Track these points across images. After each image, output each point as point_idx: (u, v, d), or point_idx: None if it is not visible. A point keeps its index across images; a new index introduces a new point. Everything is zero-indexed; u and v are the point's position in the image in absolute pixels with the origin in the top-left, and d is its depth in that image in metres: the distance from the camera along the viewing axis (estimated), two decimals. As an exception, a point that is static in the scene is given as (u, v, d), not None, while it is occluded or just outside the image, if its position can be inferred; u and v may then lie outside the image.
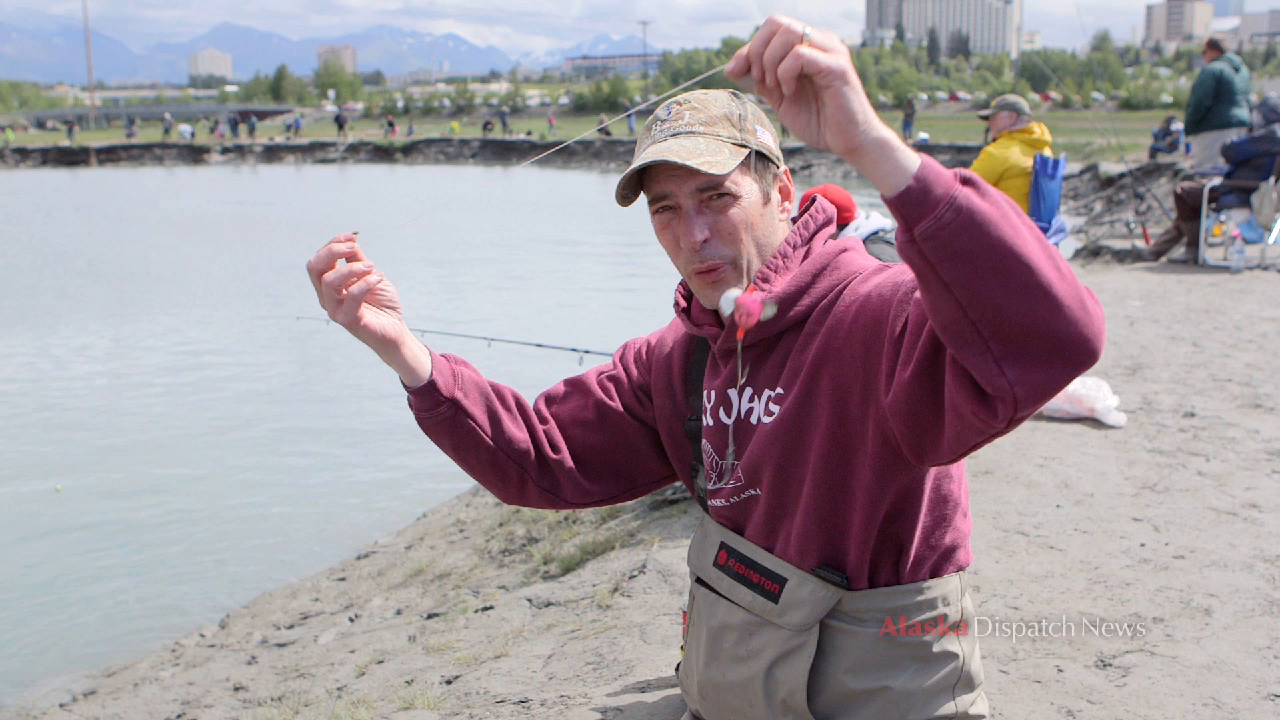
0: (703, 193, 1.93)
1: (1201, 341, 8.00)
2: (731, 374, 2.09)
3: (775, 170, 2.04)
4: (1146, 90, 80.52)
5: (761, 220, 2.00)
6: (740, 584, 2.07)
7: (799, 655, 1.98)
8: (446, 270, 22.20)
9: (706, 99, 2.00)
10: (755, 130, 1.98)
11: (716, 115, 1.96)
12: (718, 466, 2.12)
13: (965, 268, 1.45)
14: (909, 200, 1.47)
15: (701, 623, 2.18)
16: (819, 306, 1.99)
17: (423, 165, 59.14)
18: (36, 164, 60.59)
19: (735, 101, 2.00)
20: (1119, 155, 19.45)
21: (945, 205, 1.45)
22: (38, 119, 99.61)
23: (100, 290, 20.54)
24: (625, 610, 4.27)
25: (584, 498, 2.28)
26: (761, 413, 2.03)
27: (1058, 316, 1.46)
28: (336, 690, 4.61)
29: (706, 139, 1.93)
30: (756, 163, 1.98)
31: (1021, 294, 1.45)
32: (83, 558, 8.12)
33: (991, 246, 1.45)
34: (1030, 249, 1.46)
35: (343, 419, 11.66)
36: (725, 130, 1.95)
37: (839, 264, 2.03)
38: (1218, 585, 3.95)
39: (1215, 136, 12.54)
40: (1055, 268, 1.47)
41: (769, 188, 2.02)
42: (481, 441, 2.12)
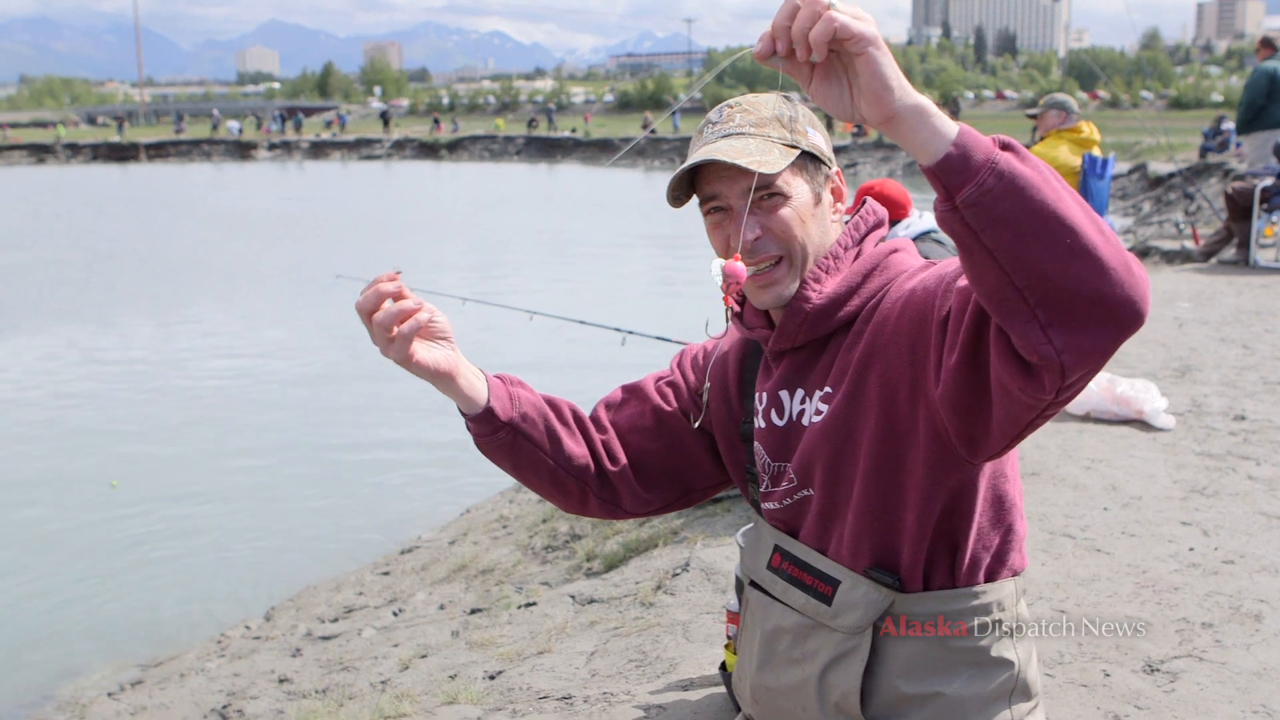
0: (755, 192, 1.93)
1: (1252, 344, 7.90)
2: (783, 376, 2.09)
3: (827, 171, 2.04)
4: (1196, 89, 79.56)
5: (813, 220, 2.00)
6: (794, 586, 2.06)
7: (852, 658, 1.97)
8: (489, 259, 22.29)
9: (757, 102, 2.00)
10: (806, 131, 1.98)
11: (767, 117, 1.96)
12: (770, 469, 2.11)
13: (1009, 233, 1.45)
14: (949, 168, 1.46)
15: (755, 626, 2.17)
16: (867, 306, 1.98)
17: (467, 162, 59.39)
18: (88, 159, 61.39)
19: (785, 104, 2.00)
20: (1168, 155, 19.23)
21: (987, 170, 1.44)
22: (89, 115, 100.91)
23: (152, 285, 20.81)
24: (668, 608, 4.27)
25: (643, 506, 2.28)
26: (812, 413, 2.02)
27: (1103, 279, 1.45)
28: (380, 684, 4.64)
29: (757, 140, 1.93)
30: (807, 163, 1.99)
31: (1067, 257, 1.44)
32: (133, 550, 8.22)
33: (1035, 211, 1.44)
34: (1073, 212, 1.45)
35: (389, 413, 11.72)
36: (775, 131, 1.95)
37: (889, 264, 2.02)
38: (1268, 591, 3.90)
39: (1268, 136, 12.38)
40: (1099, 231, 1.46)
41: (820, 188, 2.02)
42: (541, 461, 2.14)
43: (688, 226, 27.76)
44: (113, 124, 78.77)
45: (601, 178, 48.86)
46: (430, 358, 1.96)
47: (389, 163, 59.79)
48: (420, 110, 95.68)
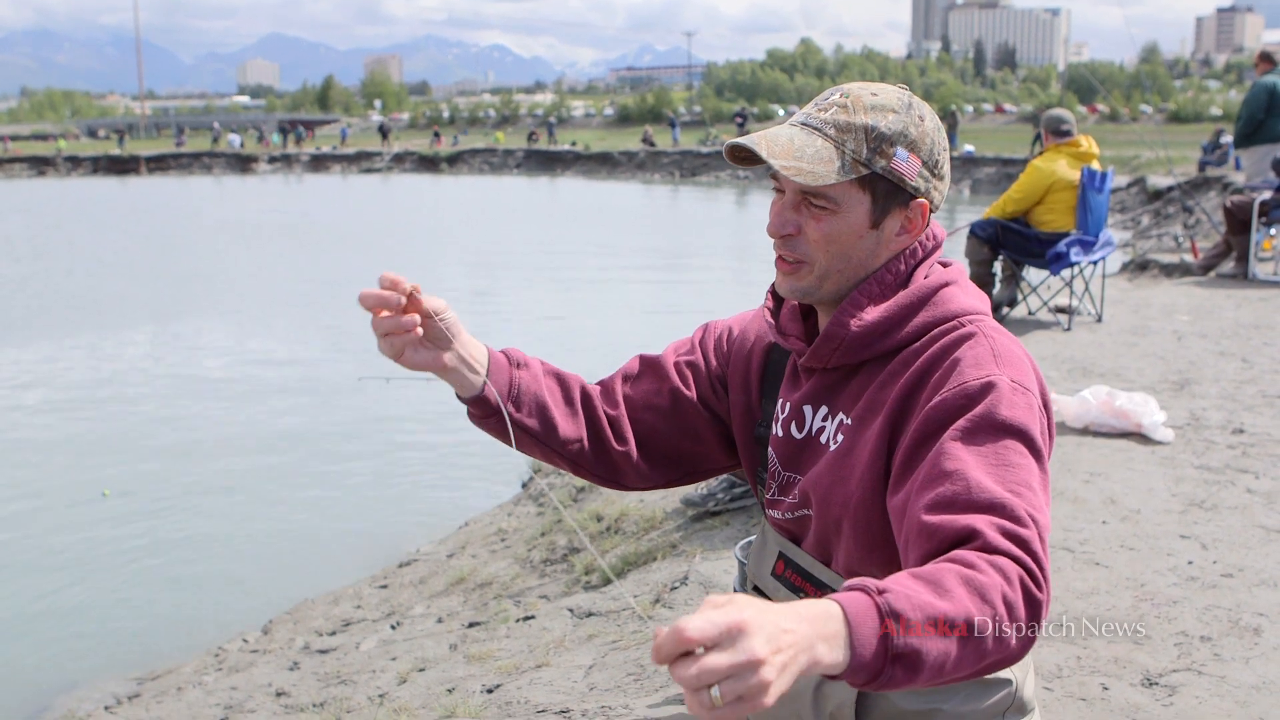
0: (804, 193, 1.87)
1: (1251, 357, 7.91)
2: (812, 391, 2.02)
3: (906, 200, 1.91)
4: (1195, 103, 79.61)
5: (860, 241, 1.90)
6: (796, 596, 2.03)
7: None
8: (485, 279, 22.32)
9: (866, 102, 1.88)
10: (893, 154, 1.86)
11: (857, 124, 1.85)
12: (780, 477, 2.07)
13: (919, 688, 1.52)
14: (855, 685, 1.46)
15: None
16: (909, 348, 1.89)
17: (467, 175, 59.46)
18: (88, 172, 61.45)
19: (894, 115, 1.88)
20: (1167, 168, 19.27)
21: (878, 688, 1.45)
22: (89, 128, 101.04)
23: (148, 295, 20.81)
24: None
25: (643, 483, 2.24)
26: (831, 436, 1.97)
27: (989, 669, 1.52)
28: (378, 697, 4.63)
29: (827, 143, 1.84)
30: (880, 184, 1.87)
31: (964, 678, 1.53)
32: (128, 562, 8.21)
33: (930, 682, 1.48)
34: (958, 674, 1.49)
35: (387, 425, 11.73)
36: (853, 143, 1.85)
37: (939, 300, 1.91)
38: (1267, 604, 3.90)
39: (1267, 150, 12.40)
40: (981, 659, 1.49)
41: (885, 214, 1.90)
42: (534, 444, 2.13)
43: (685, 244, 27.83)
44: (113, 137, 78.89)
45: (601, 191, 48.90)
46: (416, 360, 1.96)
47: (388, 176, 59.86)
48: (420, 123, 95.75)
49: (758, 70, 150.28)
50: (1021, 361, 1.81)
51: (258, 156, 64.23)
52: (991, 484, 1.60)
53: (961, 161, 45.30)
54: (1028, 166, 9.34)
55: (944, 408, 1.73)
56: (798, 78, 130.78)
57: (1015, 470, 1.64)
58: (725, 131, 63.43)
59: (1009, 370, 1.76)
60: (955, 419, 1.71)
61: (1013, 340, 1.86)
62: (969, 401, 1.72)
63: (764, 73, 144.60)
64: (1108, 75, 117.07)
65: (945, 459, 1.66)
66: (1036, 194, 9.02)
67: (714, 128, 72.25)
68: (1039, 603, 1.51)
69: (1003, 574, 1.49)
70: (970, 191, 41.50)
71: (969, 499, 1.59)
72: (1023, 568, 1.51)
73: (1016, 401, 1.71)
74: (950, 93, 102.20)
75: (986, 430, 1.68)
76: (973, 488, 1.59)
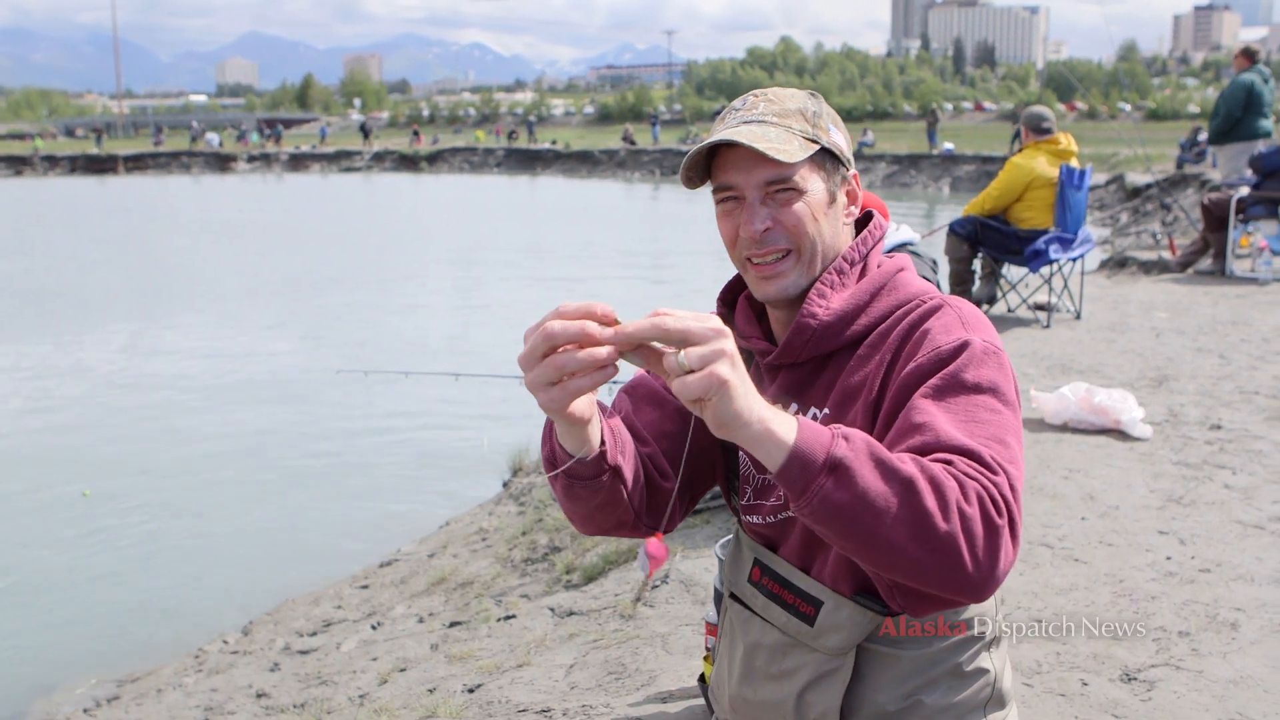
0: (768, 185, 1.89)
1: (1228, 353, 7.95)
2: (781, 389, 2.02)
3: (845, 173, 2.00)
4: (1173, 100, 80.00)
5: (825, 219, 1.95)
6: (774, 603, 2.03)
7: (834, 679, 1.95)
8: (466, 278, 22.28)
9: (783, 94, 1.97)
10: (828, 129, 1.95)
11: (791, 109, 1.93)
12: (754, 480, 2.06)
13: (836, 540, 1.59)
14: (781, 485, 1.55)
15: (736, 639, 2.13)
16: (876, 330, 1.94)
17: (447, 174, 59.36)
18: (65, 171, 61.13)
19: (811, 100, 1.97)
20: (1145, 166, 19.38)
21: (806, 500, 1.52)
22: (67, 127, 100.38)
23: (127, 294, 20.72)
24: (647, 620, 4.26)
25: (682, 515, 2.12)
26: None
27: (927, 580, 1.56)
28: (359, 698, 4.62)
29: (778, 129, 1.89)
30: (826, 161, 1.95)
31: (887, 570, 1.58)
32: (108, 563, 8.17)
33: (850, 534, 1.54)
34: (890, 534, 1.52)
35: (367, 425, 11.70)
36: (798, 124, 1.91)
37: (897, 284, 1.98)
38: (1244, 599, 3.92)
39: (1243, 148, 12.47)
40: (922, 542, 1.52)
41: (836, 189, 1.98)
42: (620, 500, 1.91)
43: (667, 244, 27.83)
44: (91, 136, 78.37)
45: (581, 188, 48.86)
46: (579, 409, 1.66)
47: (368, 175, 59.71)
48: (400, 122, 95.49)
49: (738, 68, 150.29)
50: (989, 326, 1.87)
51: (236, 156, 63.98)
52: (962, 436, 1.64)
53: (941, 159, 45.48)
54: (1007, 164, 9.36)
55: (918, 371, 1.78)
56: (778, 76, 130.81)
57: (986, 425, 1.68)
58: (705, 130, 63.49)
59: (979, 332, 1.83)
60: (928, 379, 1.76)
61: (976, 309, 1.92)
62: (941, 363, 1.77)
63: (744, 71, 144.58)
64: (1086, 73, 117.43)
65: (915, 414, 1.71)
66: (1015, 191, 9.05)
67: (694, 126, 72.29)
68: (998, 527, 1.55)
69: (961, 486, 1.55)
70: (950, 189, 41.64)
71: (937, 447, 1.63)
72: (986, 492, 1.56)
73: (987, 361, 1.77)
74: (930, 90, 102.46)
75: (957, 388, 1.74)
76: (942, 438, 1.64)
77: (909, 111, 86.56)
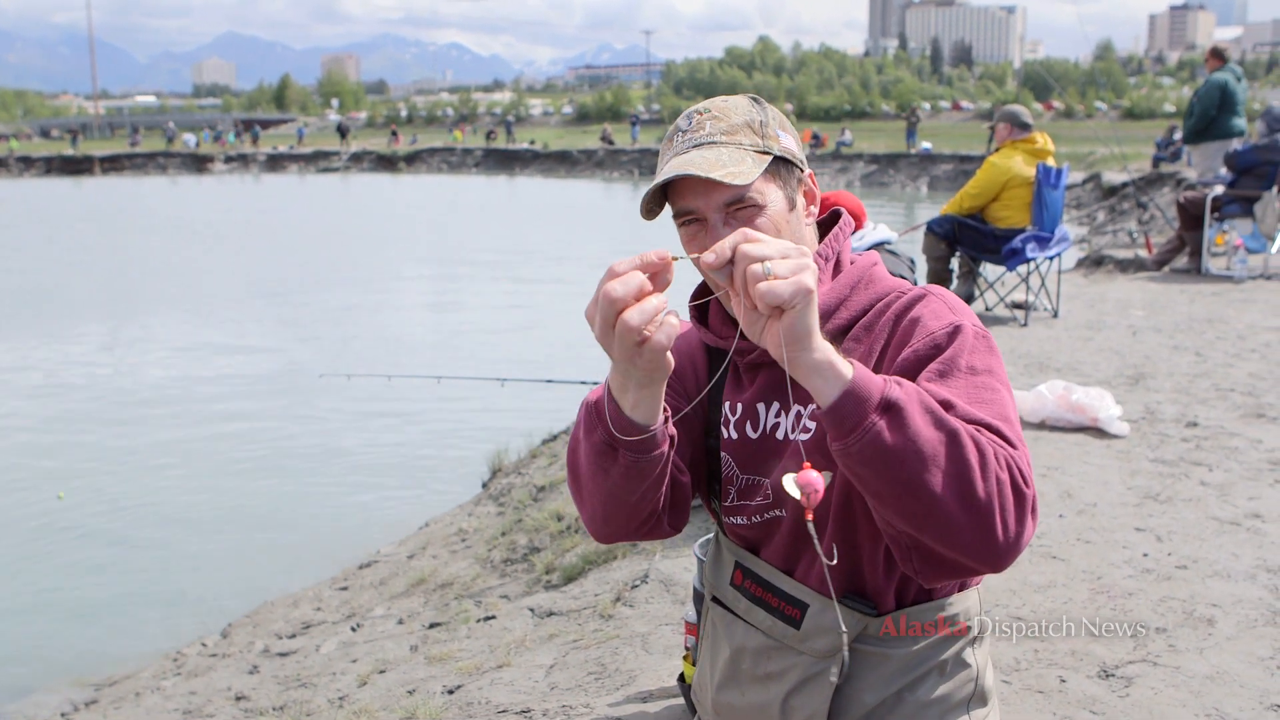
0: (728, 206, 1.87)
1: (1204, 351, 7.99)
2: (761, 388, 2.01)
3: (799, 174, 1.98)
4: (1149, 100, 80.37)
5: (788, 227, 1.93)
6: (758, 606, 2.02)
7: (821, 681, 1.94)
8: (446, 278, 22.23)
9: (727, 107, 1.95)
10: (778, 135, 1.93)
11: (738, 123, 1.91)
12: (738, 481, 2.04)
13: (873, 489, 1.60)
14: (833, 419, 1.56)
15: (719, 643, 2.12)
16: (859, 323, 1.94)
17: (426, 174, 59.23)
18: (41, 173, 60.73)
19: (756, 107, 1.96)
20: (1122, 165, 19.46)
21: (858, 435, 1.54)
22: (42, 128, 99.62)
23: (102, 296, 20.61)
24: (627, 620, 4.26)
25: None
26: (789, 429, 1.96)
27: (956, 545, 1.58)
28: (338, 700, 4.60)
29: (729, 149, 1.88)
30: (780, 169, 1.93)
31: (920, 522, 1.59)
32: (84, 566, 8.13)
33: (893, 480, 1.56)
34: (933, 483, 1.54)
35: (344, 426, 11.66)
36: (747, 138, 1.90)
37: (873, 278, 2.00)
38: (1221, 595, 3.94)
39: (1218, 146, 12.56)
40: (960, 497, 1.55)
41: (794, 193, 1.96)
42: (664, 480, 1.89)
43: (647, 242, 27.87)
44: (67, 137, 77.91)
45: (559, 188, 48.82)
46: (657, 353, 1.61)
47: (346, 175, 59.53)
48: (379, 123, 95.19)
49: (716, 68, 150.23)
50: (972, 312, 1.92)
51: (213, 156, 63.69)
52: (978, 411, 1.69)
53: (919, 158, 45.62)
54: (984, 163, 9.41)
55: (916, 358, 1.81)
56: (756, 75, 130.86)
57: (994, 405, 1.73)
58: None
59: (967, 317, 1.87)
60: (927, 364, 1.80)
61: (957, 297, 1.97)
62: (937, 349, 1.81)
63: (722, 71, 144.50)
64: (1063, 72, 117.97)
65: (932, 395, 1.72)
66: (992, 190, 9.08)
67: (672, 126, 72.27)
68: (1025, 498, 1.60)
69: (995, 452, 1.60)
70: (928, 188, 41.77)
71: (962, 414, 1.67)
72: (1014, 464, 1.61)
73: (980, 344, 1.82)
74: (908, 90, 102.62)
75: (958, 371, 1.78)
76: (960, 410, 1.67)
77: (887, 111, 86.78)
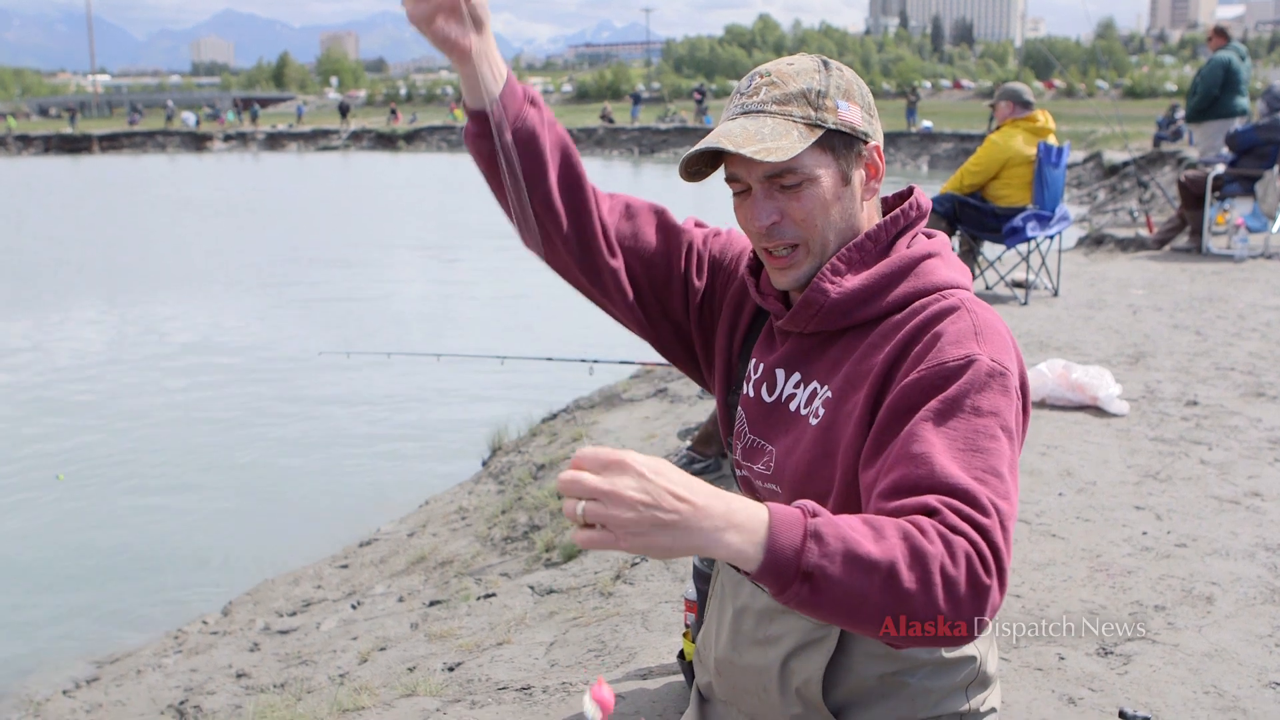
0: (771, 178, 1.84)
1: (1205, 330, 7.99)
2: (786, 355, 1.99)
3: (860, 149, 1.90)
4: (1151, 78, 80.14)
5: (839, 202, 1.88)
6: None
7: (819, 648, 1.94)
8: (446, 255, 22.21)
9: (788, 72, 1.88)
10: (837, 106, 1.86)
11: (794, 92, 1.85)
12: (745, 438, 2.03)
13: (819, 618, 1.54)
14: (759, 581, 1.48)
15: (726, 601, 2.12)
16: (891, 319, 1.85)
17: (426, 153, 59.08)
18: (39, 151, 60.58)
19: (819, 74, 1.88)
20: (1123, 143, 19.42)
21: (785, 598, 1.46)
22: (40, 106, 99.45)
23: (102, 274, 20.59)
24: (627, 598, 4.27)
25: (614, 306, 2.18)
26: (803, 404, 1.93)
27: (910, 643, 1.51)
28: (339, 677, 4.61)
29: (776, 119, 1.82)
30: (836, 141, 1.86)
31: (873, 637, 1.53)
32: (84, 545, 8.13)
33: (833, 621, 1.52)
34: (871, 617, 1.47)
35: (345, 404, 11.66)
36: (799, 109, 1.83)
37: (921, 271, 1.89)
38: (1220, 574, 3.95)
39: (1220, 125, 12.52)
40: (906, 617, 1.47)
41: (850, 167, 1.89)
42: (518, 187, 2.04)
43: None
44: (65, 115, 77.69)
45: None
46: (446, 32, 1.81)
47: (346, 154, 59.39)
48: (378, 101, 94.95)
49: (716, 46, 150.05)
50: (1003, 339, 1.77)
51: (212, 135, 63.53)
52: (957, 470, 1.57)
53: (919, 137, 45.49)
54: (984, 141, 9.38)
55: (920, 385, 1.69)
56: (756, 53, 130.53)
57: (984, 456, 1.60)
58: (684, 108, 63.27)
59: (989, 348, 1.73)
60: (930, 397, 1.67)
61: (994, 315, 1.82)
62: (945, 381, 1.68)
63: (722, 49, 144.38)
64: (1064, 51, 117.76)
65: (914, 441, 1.62)
66: (993, 169, 9.06)
67: (672, 104, 72.15)
68: (985, 588, 1.48)
69: (948, 548, 1.47)
70: (928, 167, 41.67)
71: (931, 483, 1.56)
72: (974, 549, 1.49)
73: (992, 384, 1.67)
74: (908, 68, 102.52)
75: (959, 412, 1.65)
76: (936, 473, 1.56)
77: (887, 89, 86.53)
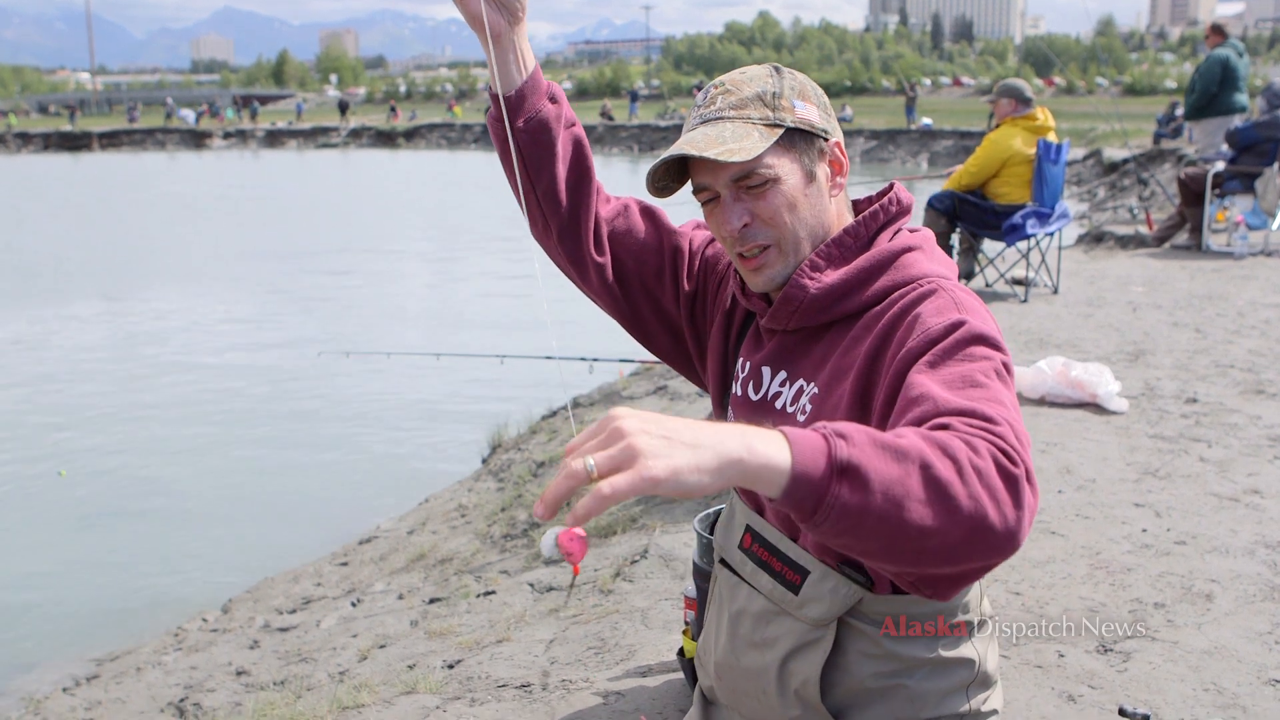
0: (737, 181, 1.87)
1: (1204, 327, 7.99)
2: (771, 353, 2.02)
3: (822, 145, 1.93)
4: (1151, 75, 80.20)
5: (806, 199, 1.90)
6: (763, 570, 2.02)
7: (815, 649, 1.94)
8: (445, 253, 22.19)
9: (741, 80, 1.92)
10: (793, 106, 1.89)
11: (748, 96, 1.89)
12: None
13: (861, 546, 1.40)
14: (788, 507, 1.36)
15: (724, 605, 2.14)
16: (872, 311, 1.87)
17: (425, 150, 59.05)
18: (39, 149, 60.57)
19: (772, 78, 1.92)
20: (1123, 141, 19.41)
21: (822, 514, 1.33)
22: (40, 104, 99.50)
23: (103, 271, 20.57)
24: (627, 595, 4.27)
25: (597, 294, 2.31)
26: (789, 401, 1.95)
27: (958, 555, 1.39)
28: (338, 674, 4.61)
29: (735, 124, 1.86)
30: (796, 140, 1.89)
31: (915, 561, 1.40)
32: (85, 542, 8.14)
33: (876, 534, 1.36)
34: (915, 519, 1.34)
35: (344, 402, 11.66)
36: (756, 111, 1.87)
37: (901, 264, 1.91)
38: (1219, 571, 3.95)
39: (1219, 123, 12.52)
40: (948, 516, 1.35)
41: (813, 164, 1.92)
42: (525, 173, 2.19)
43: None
44: (64, 113, 77.68)
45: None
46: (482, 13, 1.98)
47: (346, 151, 59.35)
48: (377, 98, 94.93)
49: (716, 44, 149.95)
50: (984, 316, 1.77)
51: (212, 132, 63.50)
52: (960, 400, 1.53)
53: (919, 134, 45.49)
54: (984, 140, 9.38)
55: (910, 355, 1.70)
56: (755, 51, 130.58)
57: (983, 389, 1.57)
58: (683, 105, 63.26)
59: (974, 315, 1.74)
60: (920, 358, 1.68)
61: (977, 299, 1.83)
62: (933, 343, 1.69)
63: (722, 46, 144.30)
64: (1064, 48, 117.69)
65: (911, 389, 1.61)
66: (993, 166, 9.06)
67: (672, 101, 72.12)
68: (1015, 478, 1.40)
69: (969, 444, 1.41)
70: (928, 164, 41.64)
71: (935, 412, 1.52)
72: (994, 446, 1.42)
73: (981, 342, 1.67)
74: (908, 65, 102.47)
75: (949, 358, 1.65)
76: (939, 404, 1.53)
77: (887, 87, 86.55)
